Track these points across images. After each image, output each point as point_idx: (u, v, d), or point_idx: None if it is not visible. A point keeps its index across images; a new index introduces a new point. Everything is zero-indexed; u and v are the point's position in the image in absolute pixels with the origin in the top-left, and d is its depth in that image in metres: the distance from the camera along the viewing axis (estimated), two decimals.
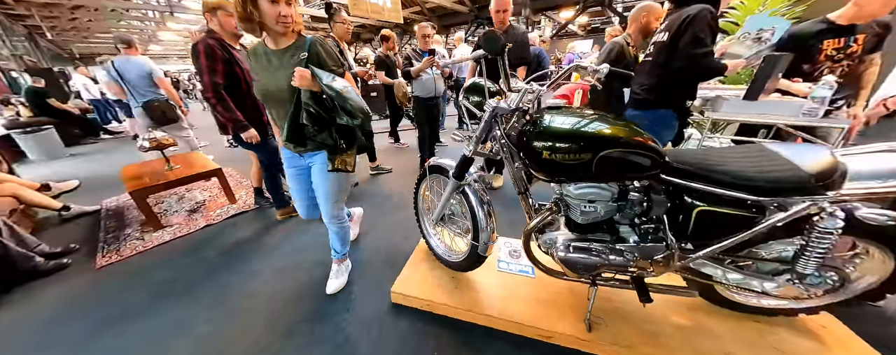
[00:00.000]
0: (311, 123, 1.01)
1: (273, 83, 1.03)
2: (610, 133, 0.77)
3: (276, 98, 1.05)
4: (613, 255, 0.96)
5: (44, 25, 9.33)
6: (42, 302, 1.45)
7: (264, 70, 1.04)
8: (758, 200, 0.75)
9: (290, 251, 1.78)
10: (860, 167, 0.72)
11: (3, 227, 1.60)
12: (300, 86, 0.96)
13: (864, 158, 0.73)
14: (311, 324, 1.25)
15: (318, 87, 0.98)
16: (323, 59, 1.03)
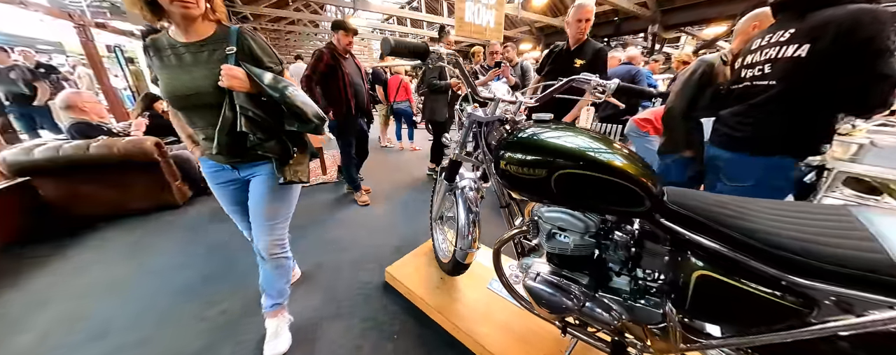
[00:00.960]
0: (253, 131, 0.82)
1: (188, 84, 0.80)
2: (569, 149, 0.67)
3: (196, 103, 0.83)
4: (591, 303, 0.79)
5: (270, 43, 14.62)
6: (207, 204, 2.35)
7: (171, 68, 0.81)
8: (796, 282, 0.49)
9: (333, 211, 2.22)
10: None
11: None
12: (231, 87, 0.78)
13: None
14: (322, 257, 1.55)
15: (256, 88, 0.81)
16: (256, 54, 0.86)
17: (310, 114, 0.87)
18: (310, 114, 0.87)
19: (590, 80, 0.82)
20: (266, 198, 1.00)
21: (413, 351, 1.11)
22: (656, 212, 0.64)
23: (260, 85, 0.81)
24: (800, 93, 0.93)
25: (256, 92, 0.84)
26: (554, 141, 0.70)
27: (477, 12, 6.74)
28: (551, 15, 9.96)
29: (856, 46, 0.82)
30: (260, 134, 0.85)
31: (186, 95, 0.82)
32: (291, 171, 0.97)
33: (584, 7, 1.61)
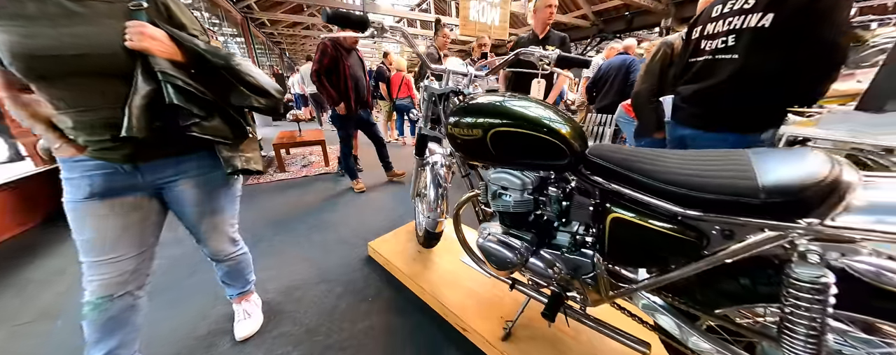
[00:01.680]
0: (186, 105, 0.63)
1: (68, 41, 0.57)
2: (499, 109, 0.73)
3: (78, 70, 0.59)
4: (535, 259, 0.85)
5: (287, 48, 15.12)
6: None
7: (30, 17, 0.56)
8: (684, 213, 0.54)
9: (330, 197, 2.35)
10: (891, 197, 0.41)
11: None
12: (147, 51, 0.59)
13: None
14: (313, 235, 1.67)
15: (187, 55, 0.64)
16: (176, 17, 0.68)
17: (268, 86, 0.73)
18: (267, 85, 0.73)
19: (534, 52, 0.88)
20: (209, 200, 0.80)
21: (384, 311, 1.20)
22: (579, 164, 0.70)
23: (195, 50, 0.64)
24: (764, 67, 0.90)
25: (188, 61, 0.65)
26: (489, 103, 0.77)
27: (482, 10, 6.79)
28: (560, 11, 9.84)
29: (813, 8, 0.80)
30: (197, 109, 0.65)
31: (62, 58, 0.56)
32: (243, 159, 0.77)
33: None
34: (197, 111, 0.67)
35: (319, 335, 1.09)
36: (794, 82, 0.88)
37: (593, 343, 0.96)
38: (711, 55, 1.01)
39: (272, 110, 0.78)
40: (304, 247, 1.70)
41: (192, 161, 0.78)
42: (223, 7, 6.73)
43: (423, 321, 1.15)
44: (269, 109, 0.78)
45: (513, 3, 8.94)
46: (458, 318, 1.09)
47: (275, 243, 1.75)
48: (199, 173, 0.79)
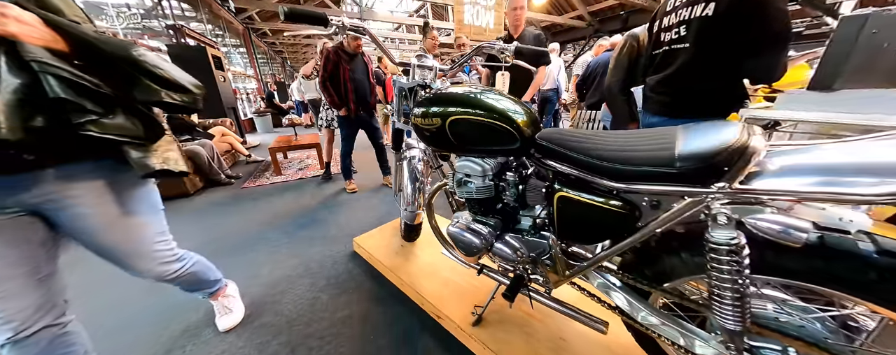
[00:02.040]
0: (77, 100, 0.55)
1: None
2: (455, 97, 0.77)
3: None
4: (499, 244, 0.88)
5: (288, 57, 15.46)
6: (213, 195, 2.63)
7: None
8: (615, 187, 0.57)
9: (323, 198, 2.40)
10: (807, 158, 0.43)
11: (215, 156, 2.96)
12: (10, 34, 0.50)
13: (824, 148, 0.43)
14: (302, 233, 1.71)
15: (63, 42, 0.55)
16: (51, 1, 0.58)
17: (183, 81, 0.64)
18: (183, 80, 0.64)
19: (494, 45, 0.92)
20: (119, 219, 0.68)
21: (364, 302, 1.23)
22: (531, 148, 0.73)
23: (82, 37, 0.55)
24: (713, 53, 0.95)
25: (73, 50, 0.55)
26: (446, 94, 0.81)
27: (476, 14, 6.90)
28: (556, 13, 9.96)
29: (753, 2, 0.85)
30: (92, 105, 0.56)
31: None
32: (160, 157, 0.67)
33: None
34: (92, 107, 0.56)
35: (299, 324, 1.12)
36: (741, 65, 0.91)
37: (559, 325, 0.97)
38: (668, 46, 1.04)
39: (190, 107, 0.66)
40: (293, 243, 1.74)
41: (87, 169, 0.64)
42: (225, 18, 6.93)
43: (400, 310, 1.17)
44: (187, 106, 0.66)
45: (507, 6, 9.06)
46: (433, 307, 1.11)
47: (266, 241, 1.79)
48: (101, 182, 0.65)
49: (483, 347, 0.93)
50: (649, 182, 0.53)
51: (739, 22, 0.87)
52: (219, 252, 1.70)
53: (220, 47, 5.75)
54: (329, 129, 2.71)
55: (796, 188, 0.40)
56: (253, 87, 9.89)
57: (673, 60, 1.04)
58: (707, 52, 0.95)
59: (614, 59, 1.35)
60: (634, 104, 1.35)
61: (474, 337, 0.95)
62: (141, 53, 0.61)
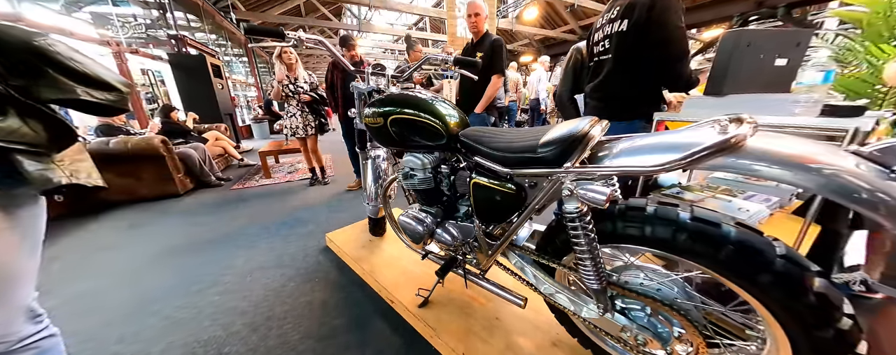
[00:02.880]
0: None
1: None
2: (394, 99, 0.90)
3: None
4: (440, 230, 0.99)
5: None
6: (202, 195, 2.74)
7: None
8: (506, 172, 0.68)
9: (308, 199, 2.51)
10: (632, 143, 0.55)
11: (207, 158, 3.08)
12: None
13: (649, 137, 0.55)
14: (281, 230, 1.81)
15: None
16: None
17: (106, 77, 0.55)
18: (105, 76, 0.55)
19: (437, 56, 1.06)
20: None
21: (327, 289, 1.32)
22: (455, 143, 0.86)
23: None
24: (627, 62, 1.10)
25: None
26: (388, 97, 0.94)
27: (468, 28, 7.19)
28: (549, 27, 10.35)
29: (654, 17, 1.00)
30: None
31: None
32: (67, 169, 0.57)
33: (472, 3, 1.83)
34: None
35: (263, 307, 1.21)
36: (652, 73, 1.05)
37: (497, 307, 1.07)
38: (598, 57, 1.19)
39: (114, 107, 0.57)
40: (271, 239, 1.84)
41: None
42: (228, 29, 7.22)
43: (359, 296, 1.26)
44: (112, 106, 0.56)
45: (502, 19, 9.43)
46: (387, 293, 1.20)
47: (246, 236, 1.89)
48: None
49: (425, 326, 1.02)
50: (525, 166, 0.65)
51: (645, 39, 1.02)
52: (197, 245, 1.80)
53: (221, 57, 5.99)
54: (299, 139, 2.70)
55: (612, 165, 0.52)
56: (253, 94, 10.13)
57: (601, 70, 1.19)
58: (624, 62, 1.10)
59: (563, 71, 1.50)
60: (579, 109, 1.50)
61: (419, 318, 1.05)
62: (50, 43, 0.50)
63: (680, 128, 0.53)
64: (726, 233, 0.49)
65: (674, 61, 1.02)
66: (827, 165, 0.38)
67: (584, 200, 0.54)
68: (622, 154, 0.54)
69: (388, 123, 0.91)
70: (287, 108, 2.52)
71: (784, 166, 0.40)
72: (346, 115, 2.49)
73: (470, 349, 0.91)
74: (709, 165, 0.45)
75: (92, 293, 1.36)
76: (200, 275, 1.46)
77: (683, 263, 0.58)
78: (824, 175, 0.38)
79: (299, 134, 2.57)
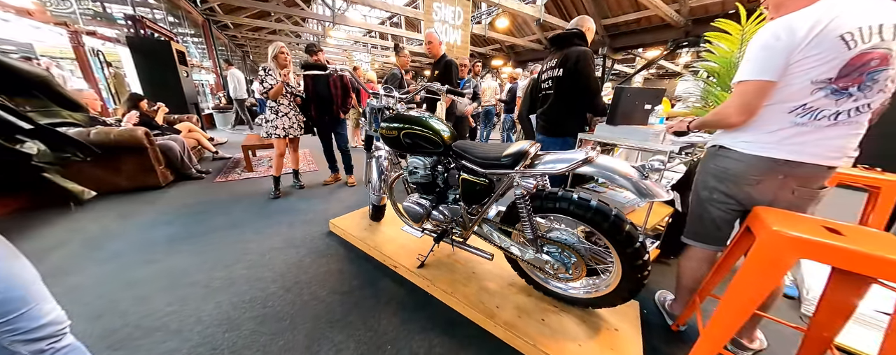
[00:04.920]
0: None
1: None
2: (406, 118, 1.29)
3: None
4: (435, 212, 1.39)
5: (251, 51, 14.83)
6: (186, 187, 2.79)
7: None
8: (482, 172, 1.12)
9: (296, 192, 2.73)
10: (550, 157, 1.02)
11: (186, 150, 3.08)
12: None
13: (557, 153, 1.02)
14: (283, 219, 2.05)
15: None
16: None
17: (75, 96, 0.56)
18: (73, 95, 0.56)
19: (433, 86, 1.46)
20: None
21: (339, 261, 1.65)
22: (449, 151, 1.27)
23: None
24: (562, 98, 1.62)
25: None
26: (403, 115, 1.32)
27: (445, 31, 7.56)
28: (518, 35, 11.11)
29: (579, 68, 1.52)
30: None
31: None
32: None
33: (427, 33, 2.47)
34: None
35: (290, 275, 1.51)
36: (577, 105, 1.58)
37: (474, 266, 1.51)
38: (544, 92, 1.70)
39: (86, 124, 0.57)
40: (276, 226, 2.07)
41: None
42: (184, 8, 6.67)
43: (367, 266, 1.62)
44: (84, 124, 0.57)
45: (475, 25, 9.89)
46: (392, 260, 1.58)
47: (250, 224, 2.09)
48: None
49: (423, 279, 1.43)
50: (494, 169, 1.09)
51: (574, 82, 1.53)
52: (202, 233, 1.98)
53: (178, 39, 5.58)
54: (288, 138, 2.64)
55: (541, 169, 0.98)
56: (210, 79, 9.36)
57: (546, 101, 1.70)
58: (561, 97, 1.63)
59: (524, 95, 2.01)
60: (533, 126, 2.02)
61: (418, 275, 1.45)
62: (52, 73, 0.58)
63: (572, 150, 1.01)
64: (591, 204, 0.97)
65: (591, 96, 1.55)
66: (621, 171, 0.87)
67: (523, 188, 1.00)
68: (546, 163, 1.00)
69: (401, 135, 1.29)
70: (276, 107, 2.63)
71: (605, 170, 0.88)
72: (319, 115, 2.70)
73: (455, 291, 1.34)
74: (581, 170, 0.92)
75: (113, 274, 1.51)
76: (219, 256, 1.69)
77: (576, 222, 1.07)
78: (619, 173, 0.87)
79: (292, 133, 2.66)
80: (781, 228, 0.76)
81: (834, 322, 0.92)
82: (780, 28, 0.81)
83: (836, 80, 0.79)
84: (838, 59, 0.77)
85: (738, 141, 0.97)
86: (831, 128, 0.83)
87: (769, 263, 0.79)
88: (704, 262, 1.15)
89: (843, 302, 0.89)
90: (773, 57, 0.82)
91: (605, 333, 1.15)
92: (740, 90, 0.89)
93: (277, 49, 2.40)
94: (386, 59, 15.88)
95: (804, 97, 0.83)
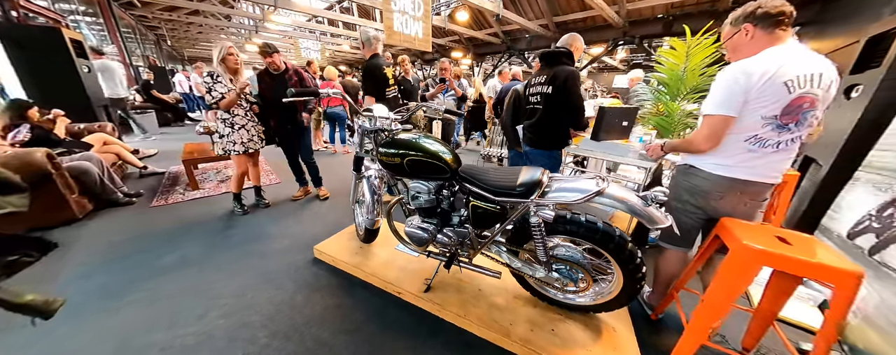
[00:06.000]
0: None
1: None
2: (412, 145, 1.23)
3: None
4: (440, 235, 1.37)
5: (167, 34, 12.49)
6: (113, 219, 2.28)
7: None
8: (495, 199, 1.14)
9: (263, 212, 2.44)
10: (561, 185, 1.07)
11: (106, 171, 2.50)
12: None
13: (569, 181, 1.09)
14: (253, 248, 1.82)
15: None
16: None
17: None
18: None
19: (431, 105, 1.41)
20: None
21: (336, 295, 1.53)
22: (456, 176, 1.25)
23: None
24: (550, 113, 1.71)
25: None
26: (406, 141, 1.25)
27: (405, 23, 7.28)
28: (476, 28, 11.25)
29: (567, 87, 1.62)
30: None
31: None
32: None
33: None
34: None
35: (281, 318, 1.36)
36: (562, 120, 1.69)
37: (479, 283, 1.54)
38: (533, 106, 1.78)
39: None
40: (247, 260, 1.82)
41: None
42: None
43: (367, 295, 1.54)
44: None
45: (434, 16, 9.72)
46: (394, 287, 1.53)
47: (213, 261, 1.81)
48: None
49: (433, 304, 1.41)
50: (508, 197, 1.11)
51: (562, 99, 1.63)
52: (159, 277, 1.65)
53: (68, 23, 4.40)
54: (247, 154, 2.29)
55: (553, 198, 1.03)
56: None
57: (534, 115, 1.78)
58: (549, 112, 1.72)
59: (507, 105, 2.07)
60: (519, 136, 2.10)
61: (426, 299, 1.42)
62: None
63: (580, 178, 1.08)
64: (599, 227, 1.05)
65: (575, 112, 1.66)
66: (630, 201, 0.96)
67: (541, 217, 1.04)
68: (560, 191, 1.05)
69: (405, 163, 1.23)
70: (231, 119, 2.24)
71: (616, 199, 0.97)
72: (281, 124, 2.42)
73: (467, 312, 1.35)
74: (595, 200, 0.99)
75: (40, 337, 1.19)
76: (180, 306, 1.43)
77: (581, 242, 1.16)
78: (628, 203, 0.96)
79: (252, 147, 2.29)
80: (750, 242, 0.93)
81: (775, 304, 1.16)
82: (739, 72, 0.97)
83: (780, 117, 0.97)
84: (782, 101, 0.94)
85: (706, 162, 1.14)
86: (774, 154, 1.03)
87: (741, 270, 0.96)
88: (678, 261, 1.35)
89: (783, 291, 1.13)
90: (734, 96, 0.98)
91: (606, 334, 1.28)
92: (707, 122, 1.04)
93: (225, 50, 2.05)
94: (337, 47, 14.68)
95: (756, 129, 1.01)
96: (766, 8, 0.96)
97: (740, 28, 1.03)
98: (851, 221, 1.49)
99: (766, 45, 0.98)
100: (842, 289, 0.85)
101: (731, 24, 1.06)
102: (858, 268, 0.83)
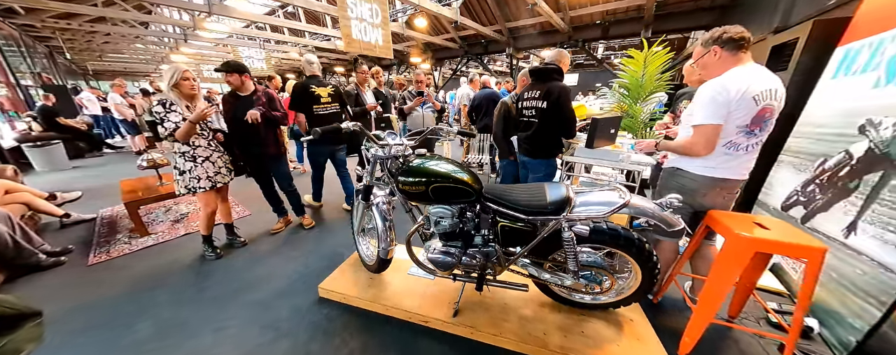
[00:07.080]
0: None
1: None
2: (436, 172, 1.22)
3: None
4: (465, 258, 1.36)
5: (64, 46, 10.32)
6: (40, 288, 1.81)
7: None
8: (526, 218, 1.18)
9: (237, 253, 2.16)
10: (586, 199, 1.15)
11: (17, 227, 1.98)
12: None
13: (591, 193, 1.17)
14: (245, 297, 1.60)
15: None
16: None
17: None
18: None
19: (442, 127, 1.40)
20: None
21: (358, 335, 1.43)
22: (481, 198, 1.25)
23: None
24: (546, 126, 1.84)
25: None
26: (427, 168, 1.23)
27: (364, 30, 7.07)
28: (434, 34, 11.38)
29: (561, 102, 1.74)
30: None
31: None
32: None
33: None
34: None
35: None
36: (557, 132, 1.84)
37: (504, 298, 1.56)
38: (527, 119, 1.89)
39: None
40: (240, 311, 1.60)
41: None
42: None
43: (392, 329, 1.46)
44: None
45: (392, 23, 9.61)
46: (420, 316, 1.47)
47: (198, 319, 1.54)
48: None
49: (464, 328, 1.39)
50: (539, 215, 1.15)
51: (555, 112, 1.74)
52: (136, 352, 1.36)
53: None
54: (205, 192, 1.95)
55: (580, 213, 1.10)
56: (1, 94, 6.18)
57: (530, 127, 1.90)
58: (544, 125, 1.84)
59: (497, 117, 2.20)
60: (512, 145, 2.21)
61: (456, 324, 1.40)
62: None
63: (602, 190, 1.17)
64: (621, 232, 1.15)
65: (567, 124, 1.80)
66: (650, 209, 1.07)
67: (576, 233, 1.10)
68: (588, 205, 1.12)
69: (430, 190, 1.20)
70: (192, 151, 1.93)
71: (639, 210, 1.07)
72: (250, 151, 2.19)
73: (502, 330, 1.36)
74: (620, 212, 1.08)
75: None
76: None
77: (601, 247, 1.25)
78: (649, 211, 1.07)
79: (220, 181, 2.00)
80: (741, 232, 1.10)
81: (754, 276, 1.39)
82: (719, 87, 1.15)
83: (750, 125, 1.17)
84: (751, 112, 1.14)
85: (692, 165, 1.32)
86: (745, 155, 1.24)
87: (736, 256, 1.13)
88: (671, 251, 1.54)
89: (759, 265, 1.35)
90: (720, 108, 1.15)
91: (627, 327, 1.40)
92: (701, 131, 1.21)
93: (179, 75, 1.76)
94: (284, 55, 13.57)
95: (732, 136, 1.20)
96: (730, 33, 1.15)
97: (710, 49, 1.21)
98: (782, 196, 1.84)
99: (732, 65, 1.18)
100: (812, 263, 1.05)
101: (702, 46, 1.24)
102: (823, 245, 1.04)
